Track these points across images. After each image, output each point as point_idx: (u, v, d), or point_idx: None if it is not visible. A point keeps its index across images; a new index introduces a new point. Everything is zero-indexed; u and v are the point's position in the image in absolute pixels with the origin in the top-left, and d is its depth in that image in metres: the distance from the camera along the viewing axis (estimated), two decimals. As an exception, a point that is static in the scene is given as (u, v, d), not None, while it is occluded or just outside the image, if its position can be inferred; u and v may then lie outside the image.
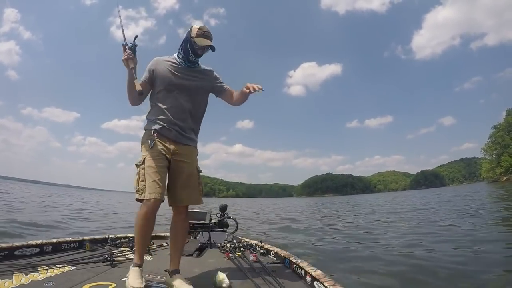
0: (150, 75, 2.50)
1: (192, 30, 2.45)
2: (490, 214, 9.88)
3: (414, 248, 5.47)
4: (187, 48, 2.47)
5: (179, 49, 2.54)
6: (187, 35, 2.47)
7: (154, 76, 2.49)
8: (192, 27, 2.48)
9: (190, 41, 2.44)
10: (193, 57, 2.50)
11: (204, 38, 2.43)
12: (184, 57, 2.52)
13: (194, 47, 2.45)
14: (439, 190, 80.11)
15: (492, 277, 3.67)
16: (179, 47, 2.54)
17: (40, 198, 23.02)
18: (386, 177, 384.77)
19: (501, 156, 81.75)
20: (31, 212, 11.46)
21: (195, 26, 2.47)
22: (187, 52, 2.48)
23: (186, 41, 2.47)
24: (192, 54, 2.48)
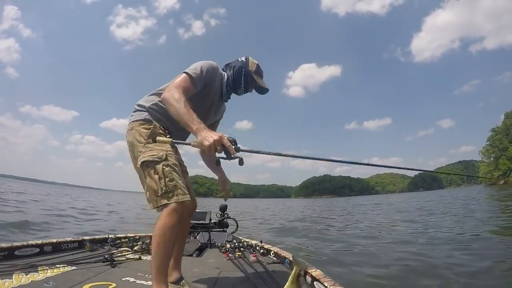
0: (203, 81, 2.05)
1: (250, 63, 2.26)
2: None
3: (414, 248, 5.47)
4: (240, 80, 2.24)
5: (230, 75, 2.27)
6: (243, 65, 2.25)
7: (205, 86, 2.09)
8: (248, 58, 2.29)
9: (247, 74, 2.23)
10: (241, 92, 2.29)
11: (261, 78, 2.30)
12: (230, 88, 2.28)
13: (249, 82, 2.26)
14: (436, 192, 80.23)
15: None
16: (230, 73, 2.27)
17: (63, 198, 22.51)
18: (384, 179, 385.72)
19: (499, 159, 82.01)
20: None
21: (253, 60, 2.29)
22: (239, 84, 2.25)
23: (241, 72, 2.23)
24: (243, 89, 2.27)
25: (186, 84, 1.90)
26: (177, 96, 1.79)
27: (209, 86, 2.12)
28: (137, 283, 2.25)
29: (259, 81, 2.26)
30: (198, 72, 1.98)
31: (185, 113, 1.74)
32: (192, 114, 1.75)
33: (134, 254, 3.07)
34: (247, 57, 2.30)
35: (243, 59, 2.28)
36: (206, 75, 2.04)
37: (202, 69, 2.02)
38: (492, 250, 5.07)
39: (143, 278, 2.33)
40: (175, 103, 1.78)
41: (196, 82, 1.96)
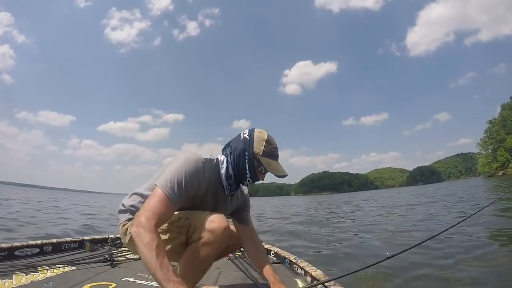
0: (183, 195, 1.57)
1: (256, 141, 1.69)
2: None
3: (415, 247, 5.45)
4: (243, 169, 1.69)
5: (230, 162, 1.73)
6: (245, 147, 1.69)
7: (188, 194, 1.63)
8: (253, 134, 1.72)
9: (252, 160, 1.68)
10: (249, 183, 1.76)
11: (273, 158, 1.72)
12: (232, 181, 1.75)
13: (257, 170, 1.71)
14: (435, 186, 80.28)
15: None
16: (231, 158, 1.73)
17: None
18: (382, 174, 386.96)
19: (497, 151, 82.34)
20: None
21: (261, 136, 1.71)
22: (243, 175, 1.71)
23: (244, 158, 1.68)
24: (250, 179, 1.73)
25: (159, 210, 1.46)
26: (146, 239, 1.35)
27: (196, 191, 1.66)
28: (137, 283, 2.25)
29: (270, 167, 1.69)
30: (174, 187, 1.52)
31: (157, 267, 1.31)
32: (167, 268, 1.32)
33: (134, 254, 3.04)
34: (251, 131, 1.74)
35: (246, 135, 1.73)
36: (186, 187, 1.56)
37: (179, 182, 1.53)
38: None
39: (143, 278, 2.33)
40: (144, 250, 1.34)
41: (174, 201, 1.51)
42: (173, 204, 1.51)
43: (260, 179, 1.77)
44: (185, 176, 1.56)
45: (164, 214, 1.48)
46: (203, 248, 1.58)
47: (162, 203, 1.48)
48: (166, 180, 1.53)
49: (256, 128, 1.76)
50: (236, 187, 1.79)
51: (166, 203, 1.49)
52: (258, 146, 1.68)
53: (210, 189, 1.73)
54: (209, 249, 1.59)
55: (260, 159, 1.68)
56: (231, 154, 1.73)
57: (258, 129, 1.75)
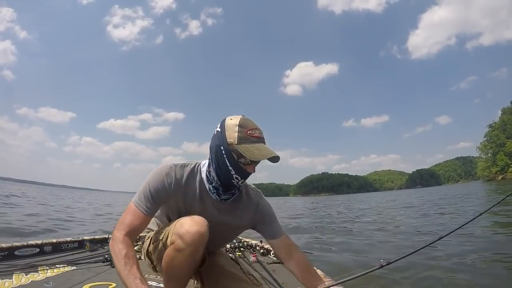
0: (154, 205, 1.50)
1: (228, 131, 1.44)
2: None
3: (414, 247, 5.46)
4: (227, 167, 1.45)
5: (209, 168, 1.54)
6: (219, 142, 1.45)
7: (168, 205, 1.58)
8: (224, 124, 1.47)
9: (229, 154, 1.43)
10: (238, 181, 1.49)
11: (253, 142, 1.42)
12: (218, 185, 1.53)
13: (239, 162, 1.44)
14: (433, 189, 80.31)
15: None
16: (209, 163, 1.55)
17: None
18: (382, 176, 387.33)
19: (497, 155, 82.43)
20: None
21: (231, 122, 1.45)
22: (228, 173, 1.46)
23: (221, 154, 1.45)
24: (238, 176, 1.47)
25: (128, 220, 1.45)
26: (116, 250, 1.36)
27: (168, 198, 1.53)
28: None
29: (250, 152, 1.39)
30: (142, 197, 1.47)
31: (125, 275, 1.30)
32: (134, 276, 1.29)
33: (134, 254, 3.06)
34: (222, 121, 1.49)
35: (218, 128, 1.49)
36: (151, 195, 1.47)
37: (145, 192, 1.48)
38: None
39: None
40: (114, 259, 1.36)
41: (142, 210, 1.46)
42: (142, 212, 1.46)
43: (249, 172, 1.47)
44: (149, 185, 1.49)
45: (133, 224, 1.44)
46: (174, 255, 1.42)
47: (131, 214, 1.46)
48: (137, 193, 1.52)
49: (228, 116, 1.50)
50: (224, 190, 1.54)
51: (135, 212, 1.46)
52: (231, 135, 1.42)
53: (190, 195, 1.55)
54: (180, 256, 1.40)
55: (237, 148, 1.40)
56: (211, 155, 1.51)
57: (231, 116, 1.49)
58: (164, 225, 1.60)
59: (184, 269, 1.49)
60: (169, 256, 1.45)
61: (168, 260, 1.45)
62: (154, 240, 1.62)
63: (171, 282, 1.53)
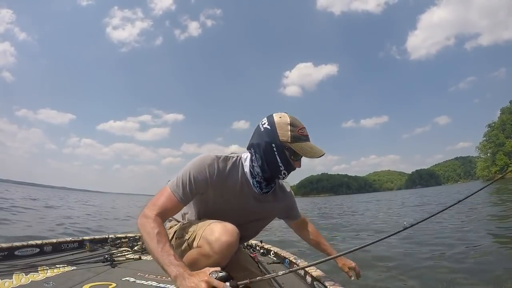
0: (190, 194, 1.50)
1: (280, 129, 1.48)
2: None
3: (414, 247, 5.47)
4: (276, 163, 1.51)
5: (252, 163, 1.58)
6: (271, 139, 1.49)
7: (205, 201, 1.60)
8: (273, 122, 1.51)
9: (281, 149, 1.49)
10: (285, 176, 1.57)
11: (305, 141, 1.50)
12: (262, 179, 1.58)
13: (290, 159, 1.51)
14: (434, 189, 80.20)
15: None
16: (253, 158, 1.57)
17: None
18: (381, 177, 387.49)
19: (496, 155, 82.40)
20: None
21: (282, 120, 1.50)
22: (277, 168, 1.52)
23: (272, 152, 1.49)
24: (286, 171, 1.54)
25: (162, 203, 1.45)
26: (148, 228, 1.35)
27: (213, 191, 1.55)
28: (137, 283, 2.24)
29: (305, 151, 1.48)
30: (179, 184, 1.47)
31: (158, 253, 1.29)
32: (168, 253, 1.29)
33: (134, 254, 3.06)
34: (270, 119, 1.53)
35: (266, 125, 1.52)
36: (190, 184, 1.47)
37: (184, 179, 1.47)
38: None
39: (143, 278, 2.33)
40: (146, 237, 1.34)
41: (177, 197, 1.46)
42: (177, 199, 1.45)
43: (296, 167, 1.56)
44: (190, 174, 1.48)
45: (166, 207, 1.44)
46: (199, 258, 1.42)
47: (165, 197, 1.45)
48: (174, 179, 1.50)
49: (274, 114, 1.55)
50: (266, 184, 1.61)
51: (169, 197, 1.45)
52: (284, 133, 1.47)
53: (230, 188, 1.56)
54: (205, 261, 1.38)
55: (291, 147, 1.47)
56: (256, 151, 1.54)
57: (277, 114, 1.54)
58: (191, 222, 1.58)
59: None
60: (193, 258, 1.44)
61: (191, 261, 1.43)
62: (178, 236, 1.61)
63: None
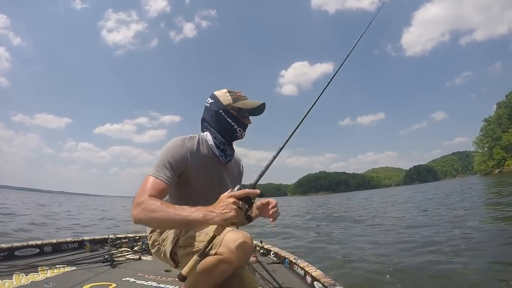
0: (174, 172, 1.58)
1: (221, 98, 1.75)
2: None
3: (414, 246, 5.47)
4: (229, 126, 1.74)
5: (213, 130, 1.77)
6: (218, 107, 1.74)
7: (187, 173, 1.66)
8: (215, 95, 1.78)
9: (229, 113, 1.73)
10: (242, 134, 1.79)
11: (243, 99, 1.76)
12: (225, 144, 1.78)
13: (240, 117, 1.75)
14: (432, 184, 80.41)
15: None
16: (214, 125, 1.77)
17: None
18: (379, 174, 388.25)
19: (493, 149, 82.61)
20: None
21: (221, 91, 1.78)
22: (232, 130, 1.75)
23: (223, 117, 1.73)
24: (241, 129, 1.77)
25: (148, 187, 1.48)
26: (149, 204, 1.38)
27: (191, 168, 1.65)
28: (137, 283, 2.25)
29: (247, 104, 1.74)
30: (160, 168, 1.55)
31: (173, 213, 1.34)
32: (182, 209, 1.35)
33: (134, 255, 3.07)
34: (212, 94, 1.80)
35: (211, 100, 1.78)
36: (171, 165, 1.57)
37: (163, 162, 1.57)
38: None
39: (143, 278, 2.34)
40: (151, 213, 1.37)
41: (163, 179, 1.52)
42: (162, 181, 1.51)
43: (247, 123, 1.79)
44: (167, 156, 1.58)
45: (156, 189, 1.48)
46: (219, 265, 1.42)
47: (150, 183, 1.49)
48: (153, 167, 1.57)
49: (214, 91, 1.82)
50: (230, 149, 1.81)
51: (154, 182, 1.50)
52: (225, 99, 1.73)
53: (203, 163, 1.69)
54: (225, 267, 1.42)
55: (235, 106, 1.72)
56: (210, 124, 1.77)
57: (216, 90, 1.81)
58: (193, 231, 1.58)
59: (220, 279, 1.48)
60: (211, 264, 1.42)
61: (209, 268, 1.42)
62: (185, 245, 1.60)
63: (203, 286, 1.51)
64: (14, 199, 29.72)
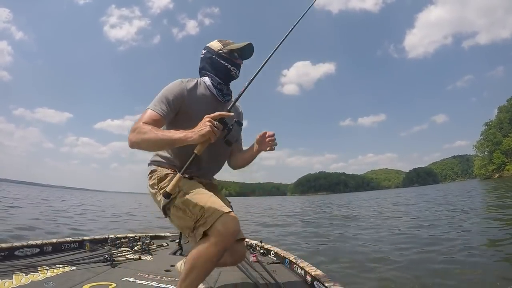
0: (171, 107, 1.78)
1: (213, 46, 1.98)
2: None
3: (413, 246, 5.47)
4: (223, 65, 1.95)
5: (211, 74, 1.97)
6: (211, 54, 1.96)
7: (185, 109, 1.84)
8: (207, 46, 2.01)
9: (221, 56, 1.95)
10: (236, 73, 1.97)
11: (231, 43, 1.98)
12: (222, 85, 1.98)
13: (231, 58, 1.96)
14: (432, 187, 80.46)
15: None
16: (210, 70, 1.97)
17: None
18: (379, 175, 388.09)
19: (493, 153, 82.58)
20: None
21: (213, 42, 2.01)
22: (226, 71, 1.96)
23: (216, 60, 1.95)
24: (235, 69, 1.96)
25: (145, 118, 1.67)
26: (142, 130, 1.58)
27: (185, 104, 1.82)
28: (137, 283, 2.24)
29: (236, 46, 1.95)
30: (158, 102, 1.73)
31: (161, 134, 1.57)
32: (168, 131, 1.62)
33: (134, 254, 3.05)
34: (205, 46, 2.02)
35: (204, 51, 2.00)
36: (168, 100, 1.75)
37: (162, 98, 1.75)
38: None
39: (143, 278, 2.33)
40: (143, 136, 1.58)
41: (158, 112, 1.70)
42: (158, 113, 1.71)
43: (239, 63, 1.98)
44: (166, 92, 1.78)
45: (151, 120, 1.67)
46: (208, 248, 1.55)
47: (147, 115, 1.69)
48: (151, 102, 1.76)
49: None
50: (227, 89, 2.01)
51: (151, 114, 1.70)
52: (217, 46, 1.96)
53: (201, 100, 1.89)
54: (213, 249, 1.54)
55: (226, 49, 1.95)
56: (206, 69, 1.98)
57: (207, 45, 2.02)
58: (197, 204, 1.67)
59: (213, 262, 1.60)
60: (202, 248, 1.57)
61: (200, 251, 1.57)
62: (179, 207, 1.72)
63: (198, 273, 1.61)
64: (16, 193, 29.60)
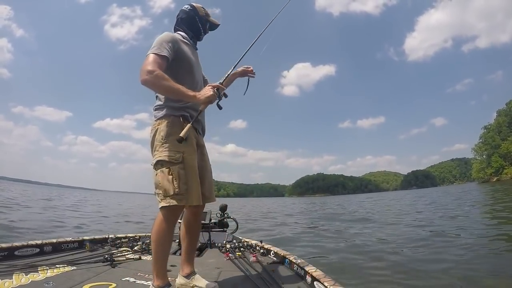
0: (173, 53, 2.03)
1: (198, 10, 2.31)
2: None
3: (413, 246, 5.48)
4: (198, 27, 2.32)
5: (186, 33, 2.30)
6: (194, 14, 2.29)
7: (178, 56, 2.09)
8: (193, 6, 2.32)
9: (202, 20, 2.33)
10: (203, 35, 2.40)
11: (210, 17, 2.39)
12: (194, 38, 2.35)
13: (206, 26, 2.37)
14: (429, 190, 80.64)
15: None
16: (183, 30, 2.31)
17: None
18: (377, 177, 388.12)
19: (492, 157, 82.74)
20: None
21: (198, 5, 2.34)
22: (199, 31, 2.34)
23: (196, 21, 2.30)
24: (203, 33, 2.38)
25: (156, 61, 1.90)
26: (164, 75, 1.87)
27: (178, 50, 2.08)
28: (137, 283, 2.24)
29: (213, 21, 2.41)
30: (158, 47, 1.97)
31: (178, 86, 1.89)
32: (182, 86, 1.91)
33: (134, 254, 3.05)
34: (190, 4, 2.33)
35: (189, 7, 2.31)
36: (167, 43, 2.01)
37: (160, 42, 2.00)
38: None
39: (143, 278, 2.33)
40: (164, 82, 1.86)
41: (166, 53, 1.96)
42: (163, 54, 1.94)
43: (207, 33, 2.42)
44: (161, 39, 2.02)
45: (157, 63, 1.90)
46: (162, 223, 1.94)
47: (154, 58, 1.91)
48: (151, 49, 1.96)
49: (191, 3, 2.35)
50: (195, 44, 2.39)
51: (155, 57, 1.92)
52: (201, 12, 2.32)
53: (186, 46, 2.20)
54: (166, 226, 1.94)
55: (207, 19, 2.36)
56: (182, 25, 2.32)
57: (192, 2, 2.35)
58: (181, 178, 1.93)
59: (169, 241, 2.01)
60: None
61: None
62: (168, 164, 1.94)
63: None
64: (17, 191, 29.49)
